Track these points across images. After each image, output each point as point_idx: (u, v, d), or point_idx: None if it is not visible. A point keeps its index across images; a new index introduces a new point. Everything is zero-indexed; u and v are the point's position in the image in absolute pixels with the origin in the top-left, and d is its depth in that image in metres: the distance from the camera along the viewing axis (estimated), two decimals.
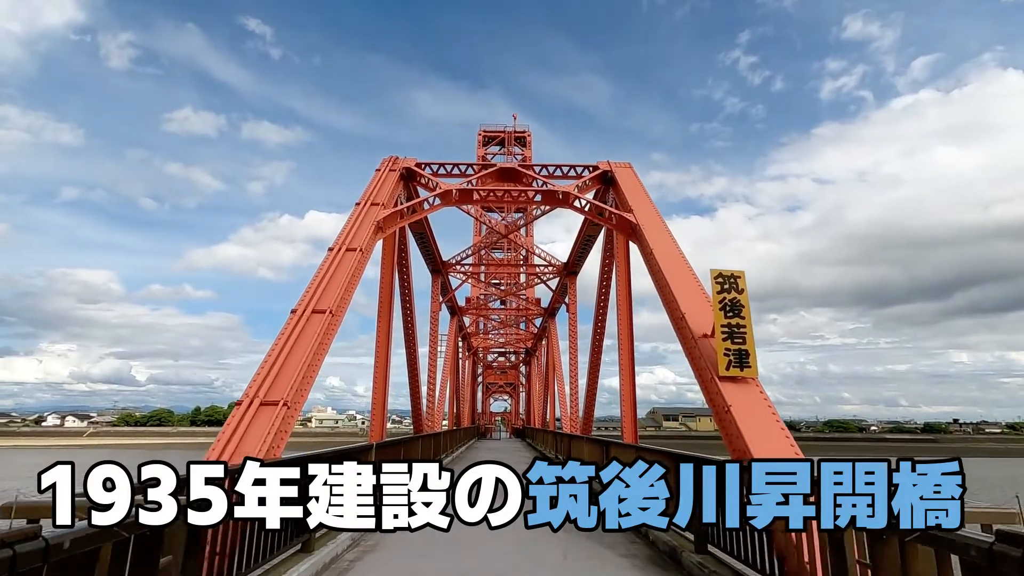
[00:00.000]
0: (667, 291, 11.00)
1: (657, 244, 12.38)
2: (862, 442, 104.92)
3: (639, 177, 16.12)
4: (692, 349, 9.67)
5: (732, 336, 8.60)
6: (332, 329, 10.02)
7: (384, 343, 15.80)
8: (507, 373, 73.12)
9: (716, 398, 8.53)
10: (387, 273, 16.04)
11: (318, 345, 9.26)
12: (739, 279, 8.95)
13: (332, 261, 11.25)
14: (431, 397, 27.25)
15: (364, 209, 13.52)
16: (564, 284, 29.11)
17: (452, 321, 37.29)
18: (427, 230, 22.89)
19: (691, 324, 9.77)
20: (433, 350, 27.55)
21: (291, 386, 8.15)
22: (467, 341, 49.00)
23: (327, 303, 10.04)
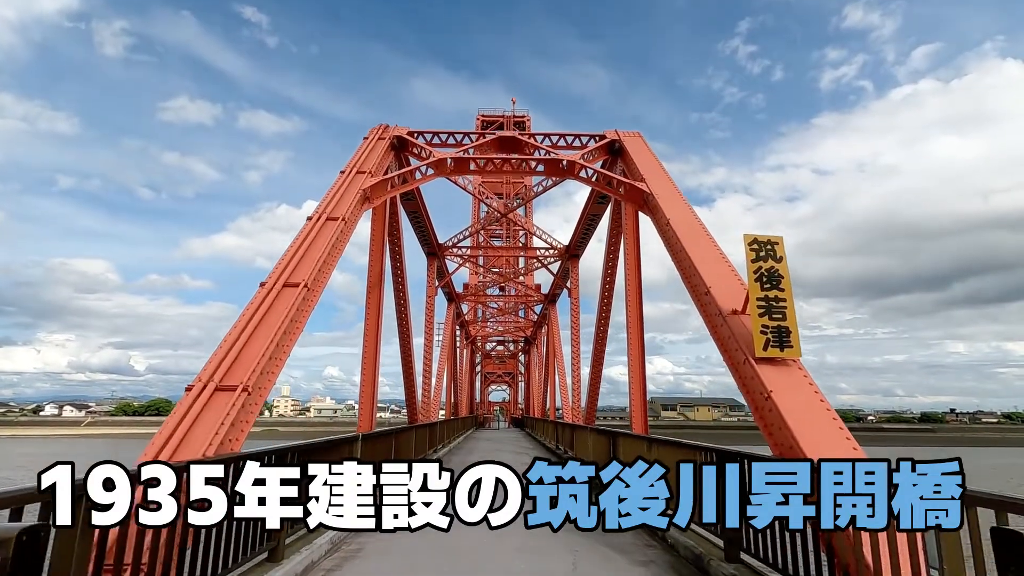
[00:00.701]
0: (688, 264, 9.75)
1: (674, 213, 11.12)
2: (860, 432, 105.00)
3: (650, 147, 14.84)
4: (719, 328, 8.45)
5: (770, 311, 7.38)
6: (308, 305, 8.78)
7: (374, 326, 14.56)
8: (506, 362, 72.30)
9: (751, 383, 7.32)
10: (377, 250, 14.76)
11: (290, 322, 8.01)
12: (777, 245, 7.71)
13: (311, 230, 9.99)
14: (426, 386, 26.07)
15: (349, 177, 12.23)
16: (566, 268, 27.85)
17: (449, 308, 36.07)
18: (421, 209, 21.60)
19: (717, 299, 8.54)
20: (429, 336, 26.34)
21: (254, 369, 6.92)
22: (465, 329, 47.80)
23: (302, 275, 8.79)
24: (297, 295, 8.35)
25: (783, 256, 7.67)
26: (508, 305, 45.76)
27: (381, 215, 15.00)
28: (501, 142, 15.05)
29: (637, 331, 14.61)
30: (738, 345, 7.71)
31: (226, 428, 6.15)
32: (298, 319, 8.37)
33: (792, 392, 6.78)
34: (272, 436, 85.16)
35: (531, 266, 32.49)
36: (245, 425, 6.70)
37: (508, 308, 46.44)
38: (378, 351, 14.49)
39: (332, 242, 9.96)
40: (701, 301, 9.13)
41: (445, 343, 34.37)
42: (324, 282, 9.52)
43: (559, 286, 32.11)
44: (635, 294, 14.87)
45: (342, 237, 10.53)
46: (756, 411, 7.19)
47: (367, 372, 14.33)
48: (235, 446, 6.42)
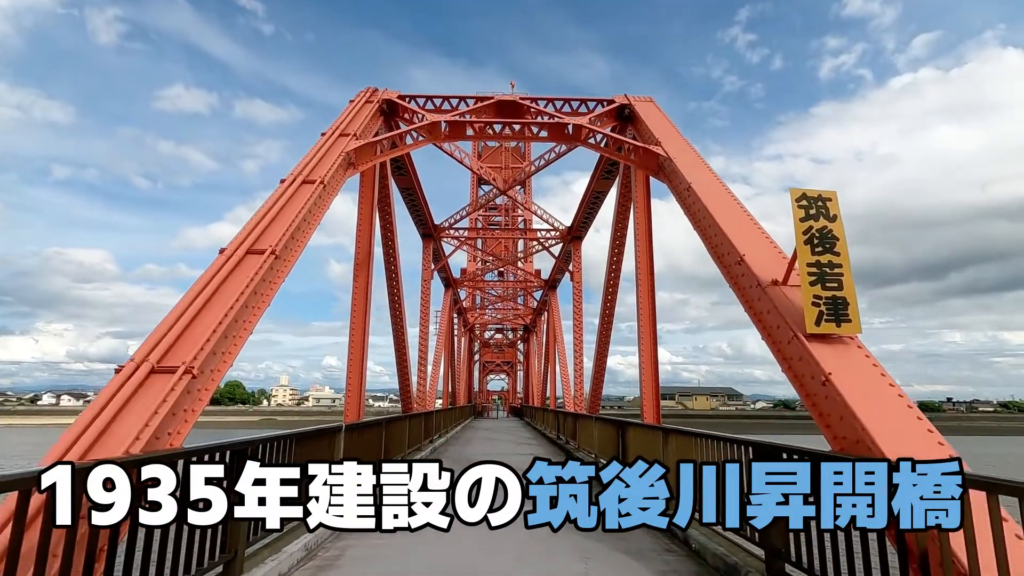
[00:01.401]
0: (714, 231, 8.51)
1: (695, 176, 9.86)
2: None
3: (665, 113, 13.54)
4: (756, 302, 7.23)
5: (823, 279, 6.16)
6: (276, 275, 7.53)
7: (362, 307, 13.33)
8: (504, 351, 71.44)
9: (801, 365, 6.11)
10: (365, 224, 13.51)
11: (252, 294, 6.77)
12: (830, 202, 6.48)
13: (283, 193, 8.71)
14: (422, 374, 24.89)
15: (331, 139, 10.94)
16: (568, 251, 26.59)
17: (446, 294, 34.83)
18: (415, 185, 20.28)
19: (754, 269, 7.31)
20: (425, 322, 25.10)
21: (202, 347, 5.68)
22: (463, 316, 46.60)
23: (270, 241, 7.53)
24: (262, 263, 7.10)
25: (837, 214, 6.45)
26: (507, 292, 44.53)
27: (369, 185, 13.74)
28: (500, 107, 13.73)
29: (648, 312, 13.41)
30: (782, 320, 6.49)
31: (160, 418, 4.93)
32: (263, 291, 7.13)
33: (855, 374, 5.58)
34: (270, 425, 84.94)
35: (530, 249, 31.23)
36: (190, 414, 5.48)
37: (507, 295, 45.21)
38: (366, 335, 13.28)
39: (308, 207, 8.69)
40: (732, 272, 7.90)
41: (442, 330, 33.16)
42: (297, 251, 8.26)
43: (560, 270, 30.85)
44: (646, 272, 13.66)
45: (320, 203, 9.26)
46: (808, 398, 5.99)
47: (354, 357, 13.13)
48: (175, 440, 5.21)
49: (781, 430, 79.88)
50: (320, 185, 9.27)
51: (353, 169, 11.13)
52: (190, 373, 5.40)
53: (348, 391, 13.03)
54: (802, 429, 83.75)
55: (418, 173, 20.40)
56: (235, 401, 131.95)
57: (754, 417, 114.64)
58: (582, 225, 24.40)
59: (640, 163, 11.81)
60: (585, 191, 21.06)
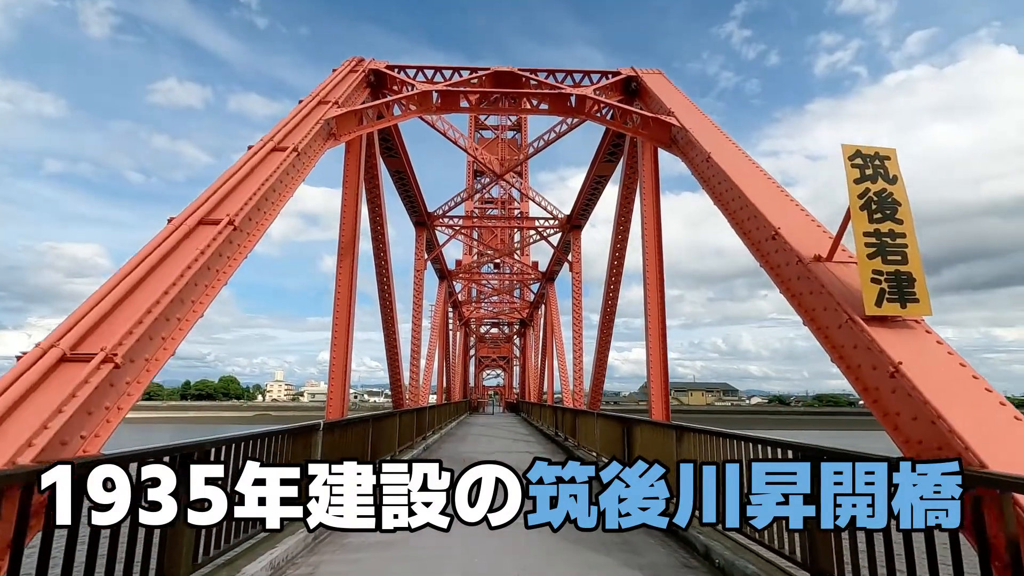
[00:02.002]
0: (741, 203, 7.48)
1: (716, 146, 8.82)
2: (852, 416, 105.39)
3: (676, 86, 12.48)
4: (794, 281, 6.20)
5: (884, 251, 5.14)
6: (235, 249, 6.45)
7: (346, 295, 12.26)
8: (500, 346, 70.57)
9: (858, 353, 5.08)
10: (350, 204, 12.42)
11: (203, 269, 5.70)
12: (889, 160, 5.45)
13: (248, 160, 7.62)
14: (414, 368, 23.84)
15: (308, 107, 9.85)
16: (567, 241, 25.56)
17: (441, 286, 33.71)
18: (407, 169, 19.16)
19: (793, 243, 6.28)
20: (418, 314, 24.03)
21: (131, 331, 4.62)
22: (458, 310, 45.53)
23: (228, 211, 6.46)
24: (217, 234, 6.02)
25: (898, 175, 5.41)
26: (503, 285, 43.47)
27: (355, 162, 12.64)
28: (497, 78, 12.64)
29: (657, 300, 12.39)
30: (830, 302, 5.47)
31: (66, 418, 3.87)
32: (219, 266, 6.06)
33: (930, 364, 4.56)
34: (264, 421, 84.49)
35: (527, 240, 30.14)
36: (113, 413, 4.42)
37: (503, 288, 44.16)
38: (351, 325, 12.21)
39: (277, 176, 7.60)
40: (763, 250, 6.87)
41: (436, 323, 32.08)
42: (263, 224, 7.17)
43: (559, 261, 29.80)
44: (654, 258, 12.63)
45: (293, 173, 8.17)
46: (868, 394, 4.96)
47: (338, 349, 12.07)
48: (91, 445, 4.15)
49: (777, 425, 79.54)
50: (293, 153, 8.18)
51: (334, 140, 10.04)
52: (111, 362, 4.34)
53: (331, 386, 11.98)
54: (798, 424, 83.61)
55: (410, 157, 19.31)
56: (229, 396, 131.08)
57: (750, 412, 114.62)
58: (582, 213, 23.35)
59: (651, 135, 10.75)
60: (586, 175, 19.97)
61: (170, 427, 72.67)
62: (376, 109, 10.95)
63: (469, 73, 12.80)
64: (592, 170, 19.16)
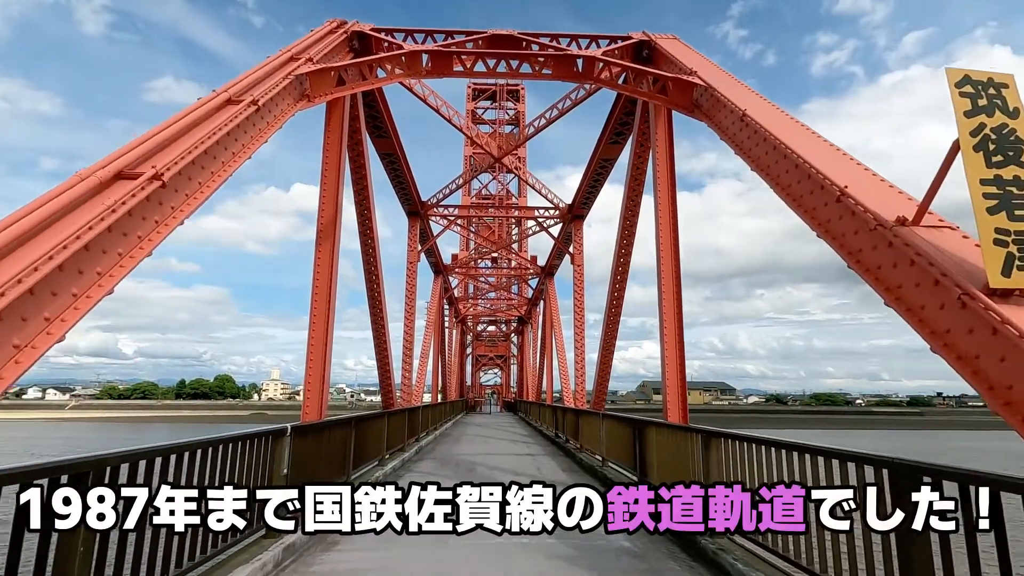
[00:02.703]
0: (789, 164, 6.18)
1: (750, 104, 7.53)
2: (850, 415, 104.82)
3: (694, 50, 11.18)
4: (869, 252, 4.91)
5: (1010, 204, 3.86)
6: (167, 214, 5.11)
7: (325, 285, 10.93)
8: (497, 345, 69.32)
9: (974, 340, 3.80)
10: (331, 176, 11.10)
11: (107, 232, 4.38)
12: (1007, 89, 4.17)
13: (194, 110, 6.30)
14: (407, 365, 22.52)
15: (277, 61, 8.52)
16: (568, 232, 24.25)
17: (436, 281, 32.36)
18: (398, 152, 17.82)
19: (866, 204, 4.99)
20: (411, 309, 22.71)
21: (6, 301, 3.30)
22: (454, 306, 44.20)
23: (159, 163, 5.14)
24: (135, 190, 4.70)
25: (1020, 108, 4.14)
26: (501, 281, 42.16)
27: (336, 132, 11.31)
28: (494, 41, 11.31)
29: (673, 291, 11.10)
30: (930, 275, 4.19)
31: None
32: (135, 230, 4.72)
33: None
34: (260, 420, 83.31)
35: (525, 232, 28.80)
36: None
37: (501, 284, 42.85)
38: (330, 315, 10.88)
39: (228, 130, 6.27)
40: (822, 215, 5.56)
41: (431, 319, 30.76)
42: (208, 187, 5.82)
43: (560, 254, 28.48)
44: (670, 244, 11.33)
45: (251, 130, 6.83)
46: (995, 395, 3.68)
47: (316, 341, 10.74)
48: None
49: (777, 425, 78.50)
50: (252, 107, 6.85)
51: (307, 101, 8.70)
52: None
53: (307, 384, 10.65)
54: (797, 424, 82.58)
55: (402, 141, 17.99)
56: (225, 395, 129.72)
57: (748, 412, 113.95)
58: (584, 202, 22.04)
59: (671, 100, 9.43)
60: (589, 160, 18.64)
61: (166, 426, 71.34)
62: (358, 69, 9.61)
63: (464, 37, 11.48)
64: (596, 154, 17.84)
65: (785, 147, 6.29)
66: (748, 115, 7.20)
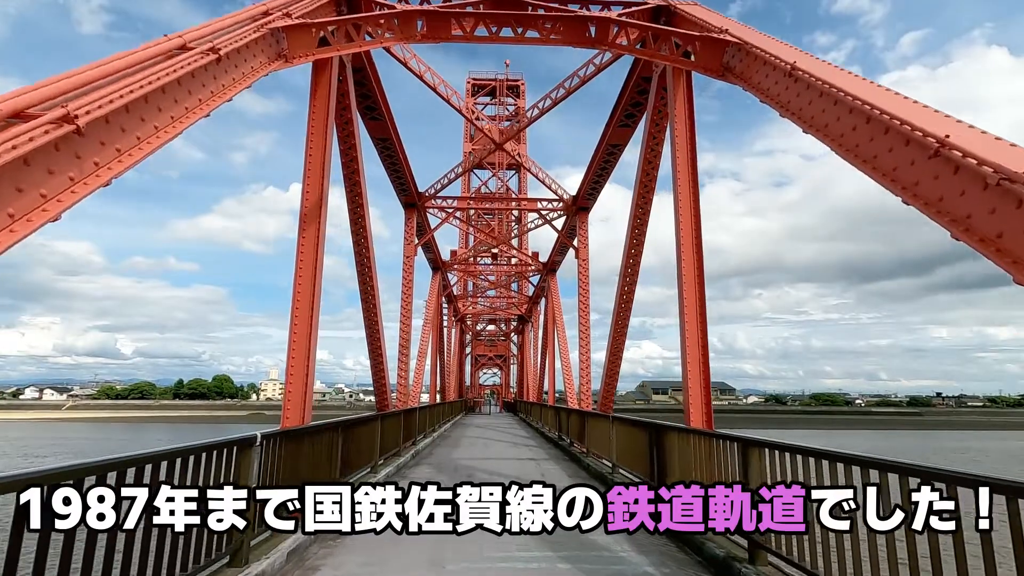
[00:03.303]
0: (860, 117, 5.09)
1: (798, 57, 6.44)
2: (851, 415, 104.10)
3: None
4: (987, 219, 3.82)
5: None
6: (84, 170, 4.01)
7: (309, 274, 9.83)
8: (497, 345, 68.31)
9: None
10: (316, 153, 10.00)
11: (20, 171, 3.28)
12: None
13: (134, 52, 5.19)
14: (403, 365, 21.43)
15: (249, 13, 7.40)
16: (572, 225, 23.14)
17: (434, 278, 31.23)
18: (393, 137, 16.69)
19: (984, 156, 3.90)
20: (407, 304, 21.60)
21: None
22: (452, 304, 43.10)
23: (76, 107, 4.03)
24: (33, 132, 3.59)
25: None
26: (500, 278, 41.03)
27: (323, 105, 10.20)
28: (497, 2, 10.22)
29: (695, 281, 10.00)
30: None
31: None
32: (45, 189, 3.63)
33: None
34: (258, 420, 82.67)
35: (525, 227, 27.72)
36: None
37: (501, 281, 41.72)
38: (315, 311, 9.78)
39: (179, 78, 5.16)
40: (909, 176, 4.45)
41: (429, 317, 29.62)
42: (148, 146, 4.69)
43: (562, 248, 27.35)
44: (691, 229, 10.24)
45: (209, 83, 5.71)
46: None
47: (298, 337, 9.63)
48: None
49: (777, 425, 77.66)
50: (211, 55, 5.73)
51: (284, 61, 7.58)
52: None
53: (288, 387, 9.54)
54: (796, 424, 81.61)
55: (397, 126, 16.89)
56: (223, 395, 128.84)
57: (748, 412, 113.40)
58: (590, 192, 20.89)
59: (697, 63, 8.32)
60: (597, 146, 17.53)
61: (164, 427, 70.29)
62: (343, 29, 8.48)
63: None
64: (604, 139, 16.72)
65: (853, 98, 5.18)
66: (799, 68, 6.09)
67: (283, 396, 9.68)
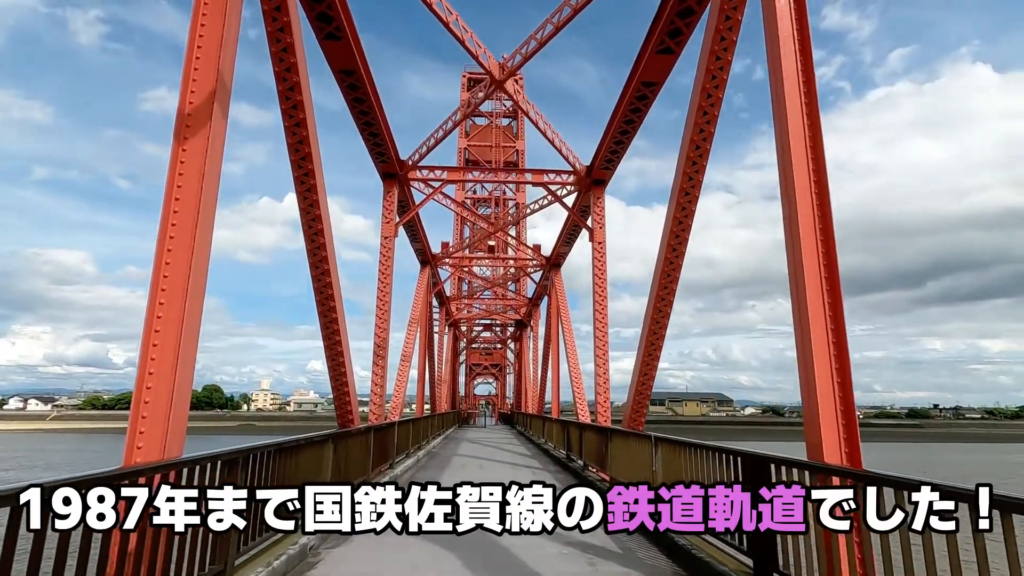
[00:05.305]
0: None
1: None
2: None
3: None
4: None
5: None
6: None
7: (194, 190, 5.95)
8: (493, 353, 64.57)
9: None
10: (213, 27, 6.19)
11: None
12: None
13: None
14: (379, 367, 17.47)
15: None
16: (585, 203, 19.31)
17: (423, 273, 27.26)
18: (362, 71, 12.75)
19: None
20: (384, 296, 17.66)
21: None
22: (445, 306, 39.13)
23: None
24: None
25: None
26: (497, 275, 37.13)
27: None
28: None
29: (818, 258, 6.19)
30: None
31: None
32: None
33: None
34: (249, 431, 79.14)
35: (523, 212, 23.85)
36: None
37: (497, 280, 37.81)
38: (199, 294, 5.89)
39: None
40: None
41: (416, 316, 25.66)
42: None
43: (569, 238, 23.52)
44: (809, 192, 6.44)
45: None
46: None
47: (187, 338, 5.73)
48: None
49: (776, 437, 73.89)
50: None
51: None
52: None
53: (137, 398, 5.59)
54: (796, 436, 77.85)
55: (369, 64, 13.08)
56: (212, 406, 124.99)
57: (746, 424, 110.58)
58: (608, 161, 16.98)
59: None
60: (623, 90, 13.66)
61: None
62: None
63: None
64: (633, 78, 12.84)
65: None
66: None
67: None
